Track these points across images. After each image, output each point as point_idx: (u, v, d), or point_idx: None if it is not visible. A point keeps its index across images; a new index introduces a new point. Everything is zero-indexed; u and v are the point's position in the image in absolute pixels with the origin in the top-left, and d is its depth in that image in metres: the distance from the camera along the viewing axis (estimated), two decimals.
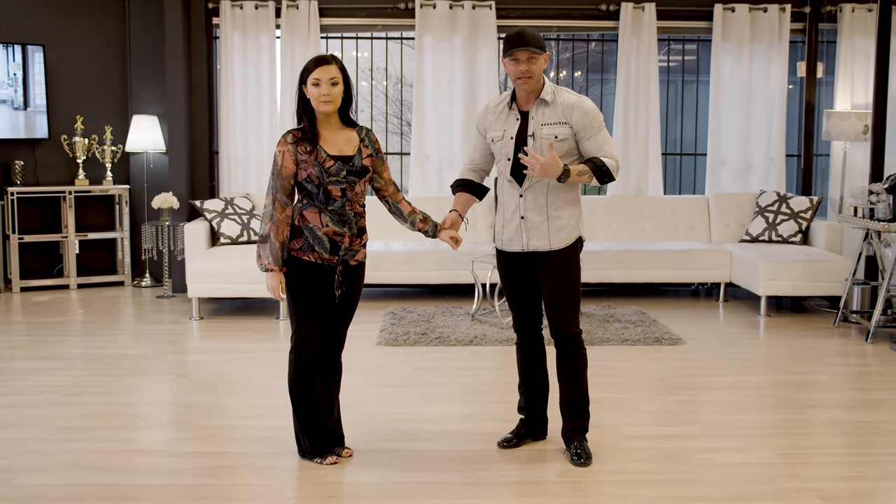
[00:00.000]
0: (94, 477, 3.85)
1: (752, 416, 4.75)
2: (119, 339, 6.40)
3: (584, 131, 3.90)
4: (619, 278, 7.63)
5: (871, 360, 5.94)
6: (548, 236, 3.97)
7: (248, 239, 7.44)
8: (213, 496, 3.66)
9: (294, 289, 3.85)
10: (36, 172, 8.23)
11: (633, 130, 8.19)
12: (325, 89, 3.75)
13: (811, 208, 7.77)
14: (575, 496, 3.68)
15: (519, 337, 4.23)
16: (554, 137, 3.88)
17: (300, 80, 3.80)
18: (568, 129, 3.89)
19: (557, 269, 3.99)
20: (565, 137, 3.89)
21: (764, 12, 8.11)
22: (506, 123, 3.99)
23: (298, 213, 3.82)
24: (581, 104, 3.90)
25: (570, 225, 3.98)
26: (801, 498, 3.65)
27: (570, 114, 3.89)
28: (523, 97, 3.96)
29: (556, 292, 4.00)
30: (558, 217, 3.95)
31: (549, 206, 3.95)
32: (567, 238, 3.98)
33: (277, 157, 3.78)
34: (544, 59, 3.90)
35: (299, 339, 3.88)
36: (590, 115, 3.89)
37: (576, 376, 4.08)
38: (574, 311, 4.05)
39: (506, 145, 3.98)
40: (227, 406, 4.88)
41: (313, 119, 3.82)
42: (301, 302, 3.85)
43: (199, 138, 8.14)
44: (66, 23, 8.24)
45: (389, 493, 3.70)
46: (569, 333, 4.04)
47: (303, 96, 3.80)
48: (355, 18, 8.14)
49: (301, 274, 3.82)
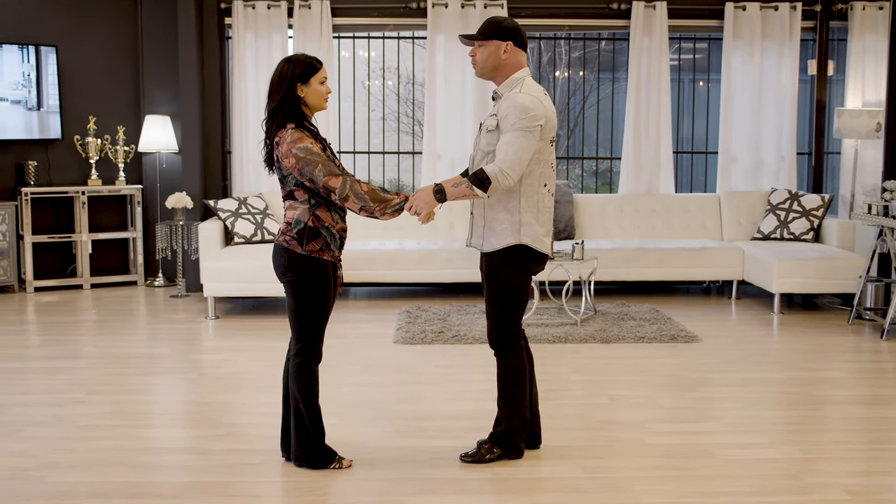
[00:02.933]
0: (122, 474, 3.87)
1: (772, 413, 4.78)
2: (136, 339, 6.42)
3: (501, 123, 3.77)
4: (632, 276, 7.64)
5: (887, 356, 5.95)
6: (482, 237, 3.93)
7: (261, 238, 7.46)
8: (241, 493, 3.68)
9: (315, 291, 3.77)
10: (49, 173, 8.24)
11: (644, 129, 8.21)
12: (327, 87, 3.79)
13: (823, 206, 7.79)
14: (604, 492, 3.69)
15: None
16: (487, 130, 3.84)
17: (298, 79, 3.70)
18: (495, 120, 3.81)
19: (485, 273, 3.95)
20: (493, 129, 3.82)
21: (775, 11, 8.13)
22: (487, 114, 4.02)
23: (311, 213, 3.75)
24: (513, 98, 3.76)
25: (503, 230, 3.85)
26: (828, 492, 3.68)
27: (501, 105, 3.79)
28: None
29: (485, 296, 3.98)
30: (492, 219, 3.87)
31: (487, 207, 3.89)
32: (497, 242, 3.86)
33: (310, 146, 3.67)
34: (494, 47, 3.81)
35: (312, 342, 3.81)
36: (510, 110, 3.73)
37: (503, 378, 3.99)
38: (498, 317, 3.93)
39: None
40: (248, 403, 4.90)
41: (305, 118, 3.78)
42: (320, 303, 3.79)
43: (212, 138, 8.16)
44: (78, 23, 8.25)
45: (418, 488, 3.72)
46: (491, 337, 3.98)
47: (295, 96, 3.72)
48: (367, 18, 8.16)
49: (323, 275, 3.78)
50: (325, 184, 3.65)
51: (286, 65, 3.73)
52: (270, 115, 3.74)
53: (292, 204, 3.78)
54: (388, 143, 12.17)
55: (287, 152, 3.67)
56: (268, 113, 3.75)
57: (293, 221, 3.75)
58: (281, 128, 3.72)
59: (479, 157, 3.89)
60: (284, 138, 3.69)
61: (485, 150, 3.86)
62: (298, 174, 3.69)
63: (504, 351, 3.97)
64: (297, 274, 3.75)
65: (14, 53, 7.87)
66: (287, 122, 3.72)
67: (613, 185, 9.02)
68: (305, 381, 3.83)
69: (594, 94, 12.44)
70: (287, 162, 3.68)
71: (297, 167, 3.67)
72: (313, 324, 3.80)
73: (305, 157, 3.65)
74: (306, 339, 3.81)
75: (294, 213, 3.76)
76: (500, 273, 3.90)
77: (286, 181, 3.76)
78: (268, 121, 3.76)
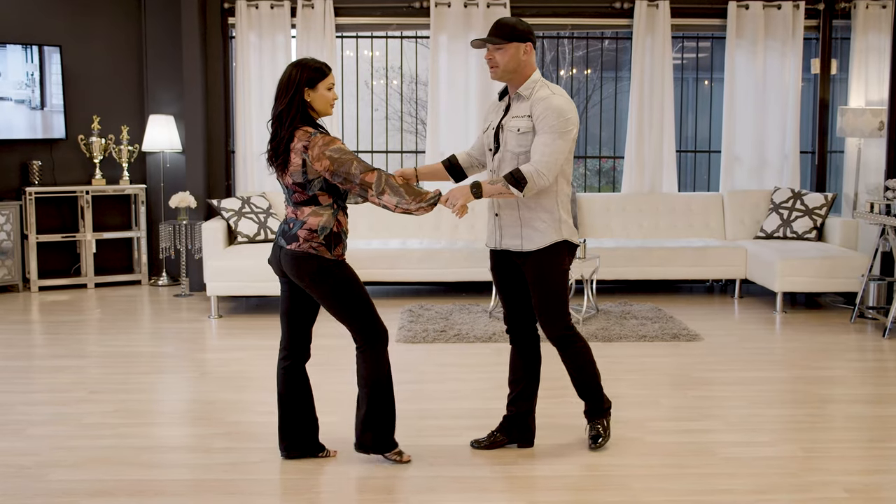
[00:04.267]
0: (125, 472, 3.89)
1: (774, 411, 4.78)
2: (139, 338, 6.44)
3: (536, 124, 3.80)
4: (635, 275, 7.65)
5: (889, 355, 5.95)
6: (520, 237, 3.94)
7: (265, 237, 7.48)
8: (244, 491, 3.70)
9: (353, 285, 3.80)
10: (53, 172, 8.27)
11: (647, 128, 8.21)
12: (334, 94, 3.81)
13: (826, 205, 7.78)
14: (603, 490, 3.70)
15: (509, 335, 4.17)
16: (517, 130, 3.86)
17: (305, 84, 3.71)
18: (530, 122, 3.84)
19: (534, 273, 3.96)
20: (527, 131, 3.84)
21: (778, 9, 8.13)
22: (495, 114, 4.03)
23: (335, 219, 3.77)
24: (549, 101, 3.80)
25: (543, 228, 3.90)
26: (827, 491, 3.68)
27: (535, 107, 3.82)
28: (511, 90, 3.95)
29: (537, 296, 3.99)
30: (531, 218, 3.91)
31: (522, 206, 3.91)
32: (540, 241, 3.90)
33: (342, 146, 3.69)
34: (515, 49, 3.83)
35: (373, 329, 3.83)
36: (548, 112, 3.78)
37: (576, 366, 4.06)
38: (554, 313, 3.98)
39: (489, 136, 4.00)
40: (252, 402, 4.92)
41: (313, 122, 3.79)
42: (362, 292, 3.82)
43: (216, 137, 8.18)
44: (82, 23, 8.28)
45: (420, 486, 3.74)
46: (554, 334, 4.01)
47: (302, 100, 3.73)
48: (370, 17, 8.17)
49: (350, 269, 3.83)
50: (362, 180, 3.66)
51: (294, 69, 3.73)
52: (279, 118, 3.74)
53: (316, 210, 3.75)
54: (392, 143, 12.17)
55: (320, 155, 3.65)
56: (275, 115, 3.75)
57: (318, 228, 3.74)
58: (294, 130, 3.71)
59: (507, 158, 3.90)
60: (315, 142, 3.67)
61: (515, 152, 3.88)
62: (330, 175, 3.67)
63: (567, 343, 4.03)
64: (332, 278, 3.76)
65: (18, 53, 7.90)
66: (296, 125, 3.71)
67: (617, 184, 9.02)
68: (379, 365, 3.86)
69: (597, 94, 12.46)
70: (319, 165, 3.66)
71: (330, 169, 3.66)
72: (368, 313, 3.82)
73: (340, 157, 3.66)
74: (363, 327, 3.83)
75: (319, 219, 3.74)
76: (551, 270, 3.94)
77: (310, 185, 3.73)
78: (275, 123, 3.76)
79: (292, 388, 3.99)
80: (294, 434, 4.01)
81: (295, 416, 4.00)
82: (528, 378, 4.14)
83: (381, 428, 3.91)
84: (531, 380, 4.14)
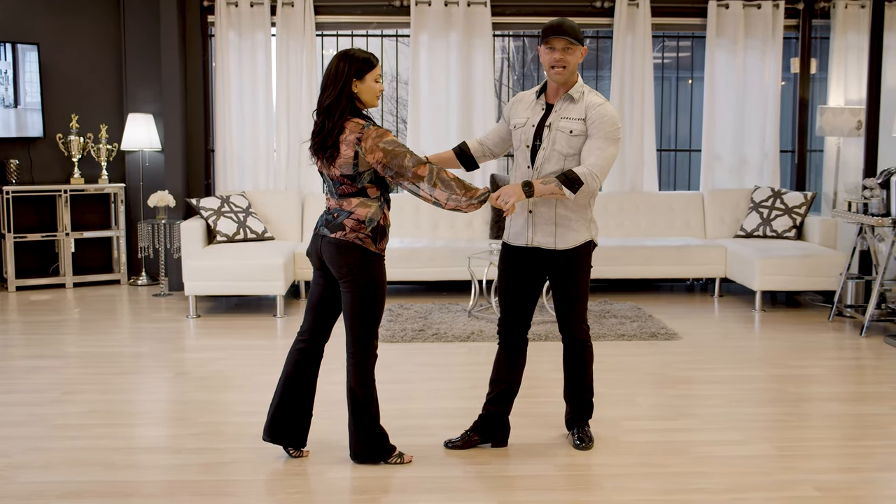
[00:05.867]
0: (95, 474, 3.86)
1: (750, 410, 4.78)
2: (117, 338, 6.40)
3: (590, 129, 3.87)
4: (615, 274, 7.66)
5: (866, 353, 5.97)
6: (554, 235, 3.97)
7: (244, 237, 7.45)
8: (214, 492, 3.67)
9: (381, 290, 3.76)
10: (31, 171, 8.22)
11: (628, 127, 8.22)
12: (381, 85, 3.79)
13: (805, 204, 7.80)
14: (575, 489, 3.70)
15: (500, 337, 4.16)
16: (569, 132, 3.89)
17: (354, 75, 3.69)
18: (584, 125, 3.88)
19: (564, 271, 4.00)
20: (579, 134, 3.88)
21: (758, 9, 8.14)
22: (531, 112, 4.01)
23: (382, 212, 3.75)
24: (604, 108, 3.89)
25: (578, 227, 3.96)
26: (798, 489, 3.68)
27: (590, 112, 3.88)
28: (553, 89, 3.97)
29: (563, 293, 4.03)
30: (566, 217, 3.95)
31: (559, 204, 3.94)
32: (574, 240, 3.96)
33: (395, 138, 3.68)
34: (581, 52, 3.90)
35: (369, 341, 3.79)
36: (603, 119, 3.85)
37: (581, 373, 4.13)
38: (580, 312, 4.05)
39: (526, 132, 3.99)
40: (226, 402, 4.89)
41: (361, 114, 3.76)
42: (382, 301, 3.78)
43: (195, 136, 8.14)
44: (61, 21, 8.23)
45: (391, 486, 3.73)
46: (574, 333, 4.07)
47: (350, 92, 3.70)
48: (350, 16, 8.15)
49: (385, 276, 3.79)
50: (414, 173, 3.63)
51: (342, 61, 3.71)
52: (327, 110, 3.71)
53: (364, 201, 3.74)
54: None
55: (373, 147, 3.64)
56: (323, 107, 3.72)
57: (366, 219, 3.72)
58: (346, 121, 3.68)
59: (555, 158, 3.91)
60: (369, 134, 3.65)
61: (564, 153, 3.90)
62: (382, 168, 3.65)
63: (586, 345, 4.12)
64: (370, 272, 3.73)
65: None
66: (345, 116, 3.69)
67: None
68: (366, 378, 3.84)
69: None
70: (372, 157, 3.65)
71: (382, 161, 3.64)
72: (373, 323, 3.79)
73: (394, 150, 3.64)
74: (365, 336, 3.80)
75: (367, 210, 3.73)
76: (581, 269, 4.01)
77: (360, 178, 3.71)
78: (323, 115, 3.73)
79: (299, 373, 3.95)
80: (285, 420, 3.97)
81: (293, 402, 3.96)
82: (512, 380, 4.15)
83: (371, 438, 3.89)
84: (514, 382, 4.15)
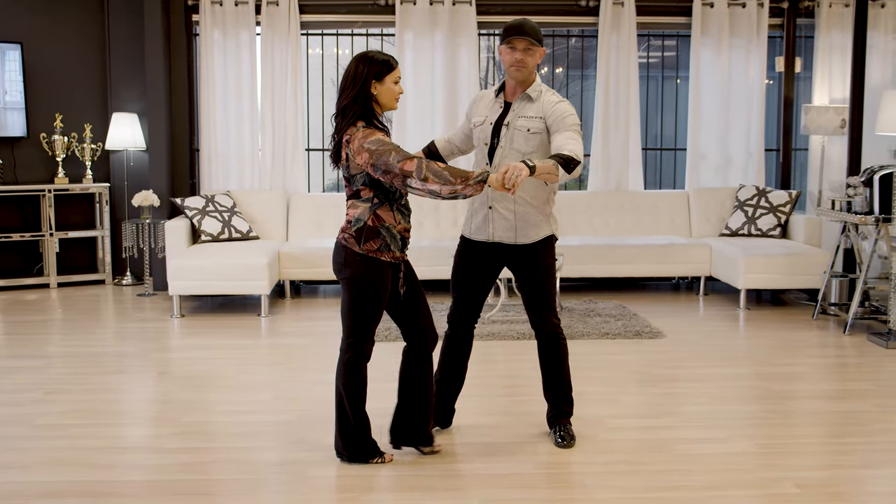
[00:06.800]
0: (75, 473, 3.84)
1: (733, 407, 4.79)
2: (100, 337, 6.38)
3: (555, 125, 3.91)
4: (601, 273, 7.66)
5: (849, 351, 5.99)
6: (514, 230, 4.02)
7: (228, 236, 7.43)
8: (193, 492, 3.66)
9: (369, 290, 3.74)
10: (15, 171, 8.18)
11: (613, 126, 8.23)
12: (400, 87, 3.78)
13: (790, 202, 7.83)
14: (556, 488, 3.70)
15: (450, 328, 4.24)
16: (526, 130, 3.95)
17: (373, 76, 3.67)
18: (542, 124, 3.95)
19: (527, 266, 4.07)
20: (538, 132, 3.95)
21: (742, 8, 8.16)
22: (489, 110, 4.06)
23: (372, 213, 3.72)
24: (563, 105, 3.94)
25: (538, 222, 4.03)
26: (778, 486, 3.69)
27: (548, 110, 3.93)
28: (511, 88, 4.02)
29: (529, 288, 4.09)
30: (527, 213, 4.01)
31: (518, 200, 3.99)
32: (535, 234, 4.03)
33: (381, 137, 3.62)
34: (540, 53, 3.95)
35: (361, 340, 3.80)
36: (565, 114, 3.91)
37: (557, 366, 4.17)
38: (549, 304, 4.10)
39: (484, 130, 4.05)
40: (209, 402, 4.88)
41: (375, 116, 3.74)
42: (374, 302, 3.76)
43: (180, 136, 8.12)
44: (44, 20, 8.19)
45: (367, 485, 3.72)
46: (546, 327, 4.12)
47: (368, 93, 3.68)
48: (335, 15, 8.13)
49: (379, 275, 3.75)
50: (401, 168, 3.54)
51: (361, 63, 3.69)
52: (343, 112, 3.70)
53: (355, 203, 3.75)
54: None
55: (359, 149, 3.62)
56: (339, 109, 3.72)
57: (353, 220, 3.74)
58: (351, 125, 3.68)
59: (512, 157, 3.95)
60: (356, 136, 3.64)
61: (522, 151, 3.95)
62: (371, 169, 3.61)
63: (558, 338, 4.17)
64: (353, 272, 3.74)
65: None
66: (357, 119, 3.68)
67: (584, 182, 9.04)
68: (352, 379, 3.83)
69: (564, 91, 12.46)
70: (359, 159, 3.63)
71: (369, 162, 3.60)
72: (364, 322, 3.78)
73: (378, 149, 3.58)
74: (356, 336, 3.80)
75: (355, 211, 3.74)
76: (545, 262, 4.06)
77: (354, 180, 3.72)
78: (339, 116, 3.73)
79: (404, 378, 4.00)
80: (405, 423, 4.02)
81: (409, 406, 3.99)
82: (458, 371, 4.29)
83: (342, 433, 3.89)
84: (460, 373, 4.30)
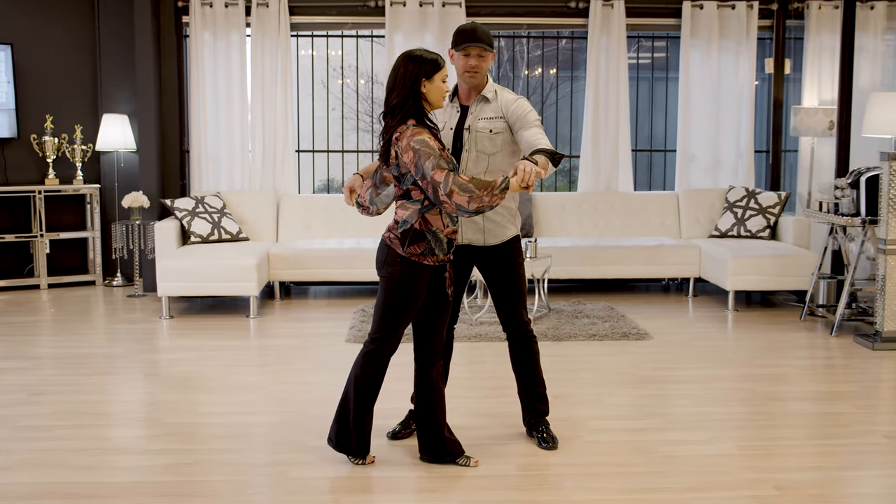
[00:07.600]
0: (58, 475, 3.85)
1: (718, 409, 4.80)
2: (89, 339, 6.38)
3: (519, 122, 3.92)
4: (590, 274, 7.68)
5: (836, 352, 6.01)
6: (483, 231, 4.07)
7: (218, 237, 7.44)
8: (176, 493, 3.67)
9: (406, 293, 3.74)
10: (5, 172, 8.18)
11: (603, 127, 8.24)
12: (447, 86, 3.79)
13: (779, 203, 7.84)
14: (536, 489, 3.71)
15: None
16: (489, 131, 3.96)
17: (423, 75, 3.67)
18: (503, 122, 3.97)
19: (497, 267, 4.12)
20: (500, 131, 3.97)
21: (732, 9, 8.18)
22: (447, 116, 4.08)
23: (420, 215, 3.70)
24: (522, 100, 3.98)
25: (503, 222, 4.08)
26: (758, 488, 3.71)
27: (507, 108, 3.95)
28: (465, 92, 4.04)
29: (500, 288, 4.14)
30: (494, 214, 4.04)
31: None
32: (503, 235, 4.09)
33: (427, 139, 3.60)
34: (491, 57, 3.98)
35: (388, 339, 3.80)
36: (526, 110, 3.94)
37: (531, 366, 4.21)
38: (520, 304, 4.15)
39: (445, 136, 4.05)
40: (195, 403, 4.88)
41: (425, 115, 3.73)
42: (407, 304, 3.76)
43: (170, 137, 8.12)
44: (34, 21, 8.19)
45: (353, 487, 3.73)
46: (518, 326, 4.16)
47: (418, 92, 3.68)
48: (325, 17, 8.14)
49: (418, 279, 3.75)
50: (431, 176, 3.53)
51: (410, 62, 3.68)
52: (392, 111, 3.70)
53: (404, 203, 3.74)
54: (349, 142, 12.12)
55: (406, 146, 3.61)
56: (389, 108, 3.71)
57: (401, 221, 3.73)
58: (401, 123, 3.68)
59: (480, 159, 3.97)
60: (405, 134, 3.63)
61: (488, 153, 3.97)
62: (415, 169, 3.60)
63: (531, 336, 4.21)
64: (392, 272, 3.75)
65: None
66: (408, 117, 3.68)
67: (573, 183, 9.05)
68: (366, 373, 3.85)
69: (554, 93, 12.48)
70: (407, 156, 3.62)
71: (414, 161, 3.59)
72: (394, 322, 3.79)
73: (421, 150, 3.58)
74: (384, 333, 3.81)
75: (405, 212, 3.73)
76: (515, 262, 4.11)
77: (404, 179, 3.70)
78: (388, 115, 3.73)
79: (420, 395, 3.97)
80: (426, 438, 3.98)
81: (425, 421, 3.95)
82: None
83: (339, 420, 3.92)
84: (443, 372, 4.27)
